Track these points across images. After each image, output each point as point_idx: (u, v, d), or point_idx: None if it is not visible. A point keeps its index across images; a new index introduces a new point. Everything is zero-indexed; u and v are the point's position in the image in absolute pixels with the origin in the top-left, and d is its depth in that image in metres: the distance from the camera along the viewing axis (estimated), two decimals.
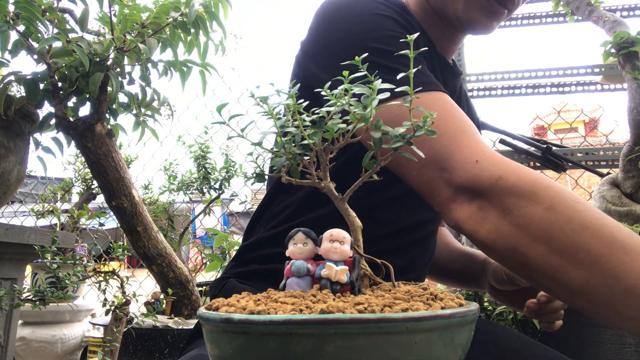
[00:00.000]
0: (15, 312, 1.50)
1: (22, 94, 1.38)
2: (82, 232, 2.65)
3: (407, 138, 0.48)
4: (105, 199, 1.65)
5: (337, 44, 0.73)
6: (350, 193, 0.51)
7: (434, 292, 0.46)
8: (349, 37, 0.73)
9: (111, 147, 1.56)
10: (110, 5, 1.38)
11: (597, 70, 1.95)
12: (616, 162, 1.70)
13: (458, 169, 0.61)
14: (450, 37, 0.89)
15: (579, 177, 2.76)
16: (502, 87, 2.14)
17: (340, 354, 0.36)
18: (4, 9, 1.22)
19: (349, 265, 0.48)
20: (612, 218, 0.56)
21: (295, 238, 0.50)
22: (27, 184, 3.49)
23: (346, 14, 0.75)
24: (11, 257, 1.47)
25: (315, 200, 0.77)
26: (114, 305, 1.47)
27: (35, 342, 2.34)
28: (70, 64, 1.36)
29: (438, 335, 0.38)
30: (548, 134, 4.46)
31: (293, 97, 0.49)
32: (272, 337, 0.37)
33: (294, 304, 0.41)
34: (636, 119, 1.41)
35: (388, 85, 0.48)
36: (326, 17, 0.78)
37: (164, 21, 1.45)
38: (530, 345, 0.76)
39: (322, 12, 0.79)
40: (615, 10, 2.06)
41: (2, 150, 1.34)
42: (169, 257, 1.79)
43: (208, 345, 0.43)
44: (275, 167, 0.52)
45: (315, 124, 0.49)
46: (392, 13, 0.75)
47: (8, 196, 1.44)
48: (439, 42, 0.88)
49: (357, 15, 0.74)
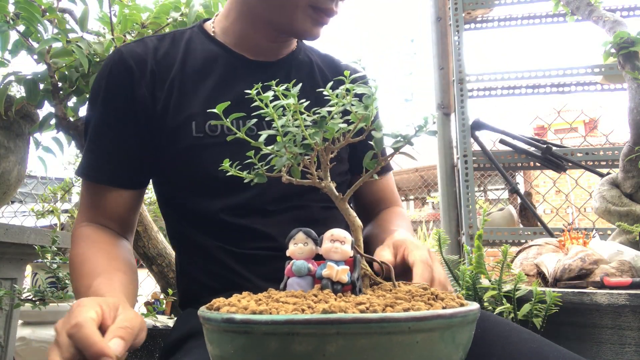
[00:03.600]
0: (15, 312, 1.50)
1: (22, 94, 1.38)
2: None
3: (407, 138, 0.48)
4: None
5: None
6: (351, 193, 0.52)
7: (434, 292, 0.46)
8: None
9: None
10: (110, 5, 1.38)
11: (597, 70, 1.96)
12: (616, 162, 1.70)
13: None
14: (276, 39, 0.95)
15: (579, 177, 2.77)
16: (502, 87, 2.14)
17: (342, 354, 0.36)
18: (4, 9, 1.22)
19: (350, 265, 0.48)
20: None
21: (296, 238, 0.50)
22: (27, 184, 3.48)
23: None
24: (11, 257, 1.47)
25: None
26: None
27: (35, 342, 2.34)
28: (70, 64, 1.36)
29: (439, 335, 0.38)
30: (548, 134, 4.46)
31: (294, 97, 0.49)
32: (273, 337, 0.37)
33: (296, 303, 0.41)
34: (636, 119, 1.41)
35: (388, 85, 0.48)
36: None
37: (164, 21, 1.45)
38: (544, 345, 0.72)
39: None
40: (615, 10, 2.06)
41: (2, 150, 1.34)
42: (169, 257, 1.79)
43: (208, 345, 0.43)
44: (275, 166, 0.52)
45: (317, 123, 0.49)
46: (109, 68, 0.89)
47: (8, 196, 1.44)
48: (258, 47, 0.94)
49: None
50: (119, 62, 0.88)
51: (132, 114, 0.87)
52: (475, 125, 2.02)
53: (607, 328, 0.99)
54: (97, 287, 0.72)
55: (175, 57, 0.91)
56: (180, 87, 0.88)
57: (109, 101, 0.87)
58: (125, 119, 0.87)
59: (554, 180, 2.53)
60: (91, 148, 0.89)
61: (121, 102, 0.87)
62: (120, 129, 0.87)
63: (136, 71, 0.87)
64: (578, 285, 1.06)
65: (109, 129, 0.88)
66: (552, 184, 2.51)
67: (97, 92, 0.89)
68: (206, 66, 0.91)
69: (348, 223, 0.52)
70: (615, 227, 1.39)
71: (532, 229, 1.92)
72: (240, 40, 0.94)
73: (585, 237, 1.21)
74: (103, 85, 0.88)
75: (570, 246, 1.20)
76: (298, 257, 0.49)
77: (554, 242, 1.29)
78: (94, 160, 0.88)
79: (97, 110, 0.89)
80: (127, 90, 0.87)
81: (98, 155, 0.88)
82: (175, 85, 0.88)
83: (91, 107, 0.91)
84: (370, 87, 0.47)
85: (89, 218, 0.88)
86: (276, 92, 0.50)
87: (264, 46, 0.95)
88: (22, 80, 1.33)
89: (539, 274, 1.22)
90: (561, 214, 3.62)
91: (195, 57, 0.92)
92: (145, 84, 0.87)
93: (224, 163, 0.55)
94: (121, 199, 0.90)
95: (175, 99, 0.87)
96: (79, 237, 0.86)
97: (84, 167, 0.89)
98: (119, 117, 0.87)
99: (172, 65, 0.90)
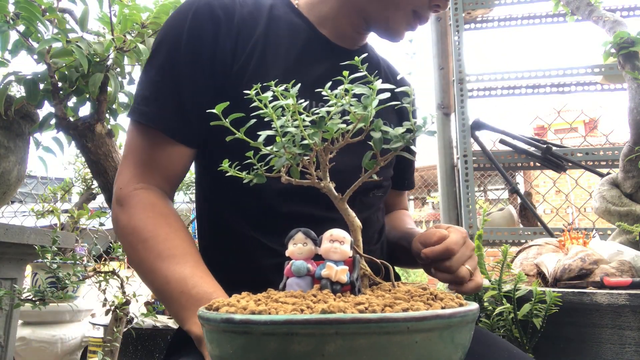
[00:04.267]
0: (15, 312, 1.50)
1: (22, 94, 1.38)
2: (82, 232, 2.64)
3: (407, 138, 0.48)
4: (105, 199, 1.65)
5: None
6: (350, 193, 0.52)
7: (434, 292, 0.46)
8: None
9: (111, 147, 1.56)
10: (110, 5, 1.38)
11: (597, 70, 1.95)
12: (616, 162, 1.70)
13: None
14: (361, 30, 0.94)
15: (579, 177, 2.76)
16: (502, 87, 2.14)
17: (341, 354, 0.36)
18: (4, 9, 1.22)
19: (349, 265, 0.48)
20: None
21: (295, 238, 0.50)
22: (27, 184, 3.48)
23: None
24: (11, 257, 1.47)
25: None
26: (114, 305, 1.47)
27: (35, 342, 2.34)
28: (70, 64, 1.36)
29: (438, 335, 0.38)
30: (548, 134, 4.46)
31: (293, 97, 0.49)
32: (273, 337, 0.37)
33: (295, 303, 0.41)
34: (636, 119, 1.41)
35: (388, 86, 0.48)
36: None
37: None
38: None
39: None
40: (615, 10, 2.06)
41: (2, 150, 1.34)
42: None
43: (208, 345, 0.43)
44: (275, 167, 0.52)
45: (315, 124, 0.49)
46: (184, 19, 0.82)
47: (8, 196, 1.44)
48: (341, 32, 0.92)
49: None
50: (206, 9, 0.81)
51: (211, 67, 0.80)
52: (475, 125, 2.02)
53: (607, 328, 0.99)
54: (196, 281, 0.68)
55: (259, 20, 0.85)
56: (262, 53, 0.83)
57: (188, 48, 0.80)
58: (204, 70, 0.80)
59: (554, 180, 2.53)
60: (156, 96, 0.80)
61: (202, 52, 0.80)
62: (196, 80, 0.80)
63: (223, 22, 0.81)
64: (578, 285, 1.06)
65: (183, 78, 0.80)
66: (552, 184, 2.51)
67: (174, 35, 0.81)
68: (289, 38, 0.87)
69: (347, 223, 0.52)
70: (615, 227, 1.39)
71: (532, 229, 1.92)
72: (325, 21, 0.91)
73: (585, 237, 1.21)
74: (185, 30, 0.80)
75: (570, 246, 1.20)
76: (297, 257, 0.49)
77: (554, 242, 1.29)
78: (160, 108, 0.79)
79: (171, 55, 0.80)
80: (211, 40, 0.80)
81: (166, 105, 0.79)
82: (257, 48, 0.83)
83: (164, 50, 0.82)
84: (369, 88, 0.47)
85: (143, 177, 0.79)
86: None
87: (347, 32, 0.93)
88: (22, 80, 1.34)
89: (539, 274, 1.22)
90: (561, 214, 3.62)
91: (278, 26, 0.87)
92: (230, 39, 0.81)
93: (224, 163, 0.54)
94: (182, 158, 0.81)
95: (255, 64, 0.81)
96: (141, 203, 0.77)
97: (147, 113, 0.79)
98: (196, 67, 0.80)
99: (255, 27, 0.84)
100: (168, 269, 0.70)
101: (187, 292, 0.68)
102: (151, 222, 0.75)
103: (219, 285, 0.70)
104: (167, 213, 0.78)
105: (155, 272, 0.72)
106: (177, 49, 0.80)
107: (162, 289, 0.71)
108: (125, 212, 0.77)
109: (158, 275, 0.71)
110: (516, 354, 0.77)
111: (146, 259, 0.73)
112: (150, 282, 0.74)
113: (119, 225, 0.78)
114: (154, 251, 0.73)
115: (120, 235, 0.78)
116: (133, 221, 0.76)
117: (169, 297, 0.70)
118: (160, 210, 0.77)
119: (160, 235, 0.74)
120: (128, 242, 0.76)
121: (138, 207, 0.76)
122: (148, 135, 0.80)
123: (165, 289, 0.70)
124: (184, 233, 0.76)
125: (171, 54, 0.81)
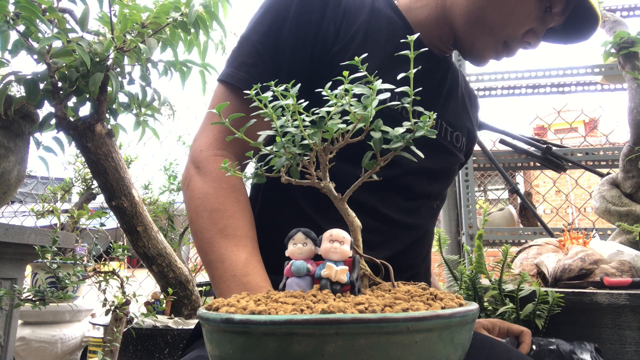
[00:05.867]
0: (15, 312, 1.50)
1: (22, 94, 1.38)
2: (82, 232, 2.65)
3: (407, 138, 0.48)
4: (105, 199, 1.65)
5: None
6: (350, 193, 0.52)
7: (433, 292, 0.46)
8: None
9: (111, 147, 1.56)
10: (110, 5, 1.38)
11: (597, 70, 1.95)
12: (616, 162, 1.70)
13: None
14: (448, 44, 0.95)
15: (579, 177, 2.76)
16: (502, 87, 2.14)
17: (341, 354, 0.36)
18: (4, 9, 1.22)
19: (349, 265, 0.48)
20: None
21: (295, 238, 0.50)
22: (27, 184, 3.49)
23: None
24: (11, 257, 1.47)
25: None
26: (114, 305, 1.47)
27: (35, 342, 2.34)
28: (70, 64, 1.36)
29: (438, 335, 0.38)
30: (548, 134, 4.46)
31: (293, 97, 0.49)
32: (272, 337, 0.37)
33: (295, 304, 0.41)
34: (636, 119, 1.41)
35: (388, 86, 0.48)
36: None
37: (164, 21, 1.45)
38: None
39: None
40: (615, 10, 2.06)
41: (2, 150, 1.34)
42: (169, 257, 1.79)
43: (208, 346, 0.43)
44: (275, 167, 0.52)
45: (315, 124, 0.49)
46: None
47: (8, 196, 1.44)
48: (431, 39, 0.94)
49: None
50: None
51: (313, 43, 0.81)
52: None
53: (607, 328, 0.99)
54: (250, 270, 0.69)
55: (362, 9, 0.88)
56: (363, 40, 0.84)
57: (295, 20, 0.81)
58: (305, 45, 0.81)
59: (554, 180, 2.53)
60: (256, 63, 0.80)
61: (308, 27, 0.81)
62: (296, 52, 0.81)
63: (331, 4, 0.83)
64: (578, 285, 1.06)
65: (284, 48, 0.80)
66: (552, 184, 2.51)
67: (283, 5, 0.82)
68: (387, 32, 0.88)
69: (347, 223, 0.52)
70: (615, 227, 1.39)
71: (532, 229, 1.92)
72: (418, 26, 0.93)
73: (585, 237, 1.21)
74: (294, 2, 0.81)
75: (570, 246, 1.20)
76: (297, 257, 0.49)
77: (554, 242, 1.29)
78: (258, 76, 0.78)
79: (278, 24, 0.81)
80: (318, 18, 0.82)
81: (264, 75, 0.79)
82: (358, 35, 0.84)
83: (270, 18, 0.83)
84: (369, 88, 0.47)
85: (225, 144, 0.79)
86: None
87: (434, 42, 0.94)
88: (22, 80, 1.34)
89: (539, 274, 1.22)
90: (561, 214, 3.62)
91: (379, 19, 0.89)
92: (335, 21, 0.83)
93: (223, 163, 0.54)
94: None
95: (354, 50, 0.82)
96: (217, 171, 0.77)
97: (246, 80, 0.79)
98: (299, 40, 0.81)
99: (359, 14, 0.86)
100: (227, 248, 0.71)
101: (238, 277, 0.69)
102: (222, 194, 0.75)
103: (268, 279, 0.70)
104: (238, 188, 0.78)
105: (214, 245, 0.72)
106: (284, 19, 0.81)
107: (214, 265, 0.72)
108: (200, 175, 0.78)
109: (215, 250, 0.72)
110: (515, 355, 0.77)
111: (208, 229, 0.74)
112: (204, 252, 0.74)
113: (190, 188, 0.78)
114: (218, 224, 0.73)
115: (189, 198, 0.78)
116: (205, 187, 0.76)
117: (219, 276, 0.71)
118: (234, 184, 0.77)
119: (228, 210, 0.74)
120: (194, 207, 0.76)
121: (213, 174, 0.77)
122: (239, 101, 0.79)
123: (217, 266, 0.71)
124: (249, 213, 0.77)
125: (277, 23, 0.82)
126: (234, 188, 0.77)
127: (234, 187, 0.77)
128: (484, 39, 0.88)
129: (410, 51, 0.49)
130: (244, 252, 0.71)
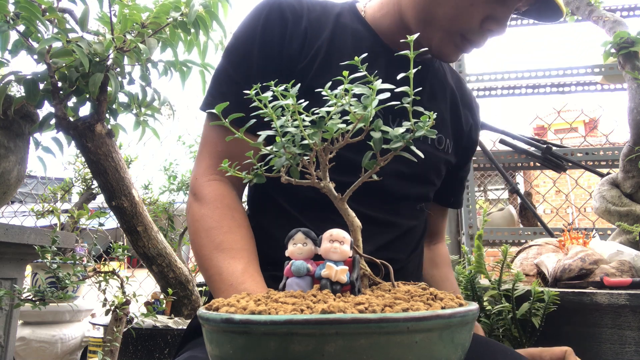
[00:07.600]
0: (15, 312, 1.50)
1: (22, 94, 1.38)
2: (82, 232, 2.64)
3: (407, 138, 0.48)
4: (105, 199, 1.65)
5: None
6: (350, 193, 0.52)
7: (433, 292, 0.46)
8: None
9: (111, 147, 1.56)
10: (110, 5, 1.38)
11: (597, 70, 1.95)
12: (616, 162, 1.70)
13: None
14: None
15: (579, 177, 2.77)
16: (502, 87, 2.14)
17: (341, 354, 0.36)
18: (4, 9, 1.22)
19: (349, 265, 0.48)
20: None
21: (295, 238, 0.50)
22: (27, 184, 3.49)
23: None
24: (11, 257, 1.47)
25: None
26: (114, 305, 1.47)
27: (35, 342, 2.34)
28: (70, 64, 1.36)
29: (438, 335, 0.38)
30: (548, 134, 4.46)
31: (293, 97, 0.49)
32: (273, 337, 0.37)
33: (295, 304, 0.41)
34: (636, 119, 1.41)
35: (388, 86, 0.48)
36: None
37: (164, 21, 1.45)
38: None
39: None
40: (615, 10, 2.06)
41: (2, 150, 1.34)
42: (169, 257, 1.79)
43: (208, 346, 0.43)
44: (274, 167, 0.52)
45: (315, 124, 0.49)
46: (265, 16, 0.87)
47: (8, 196, 1.44)
48: (400, 45, 0.93)
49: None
50: (277, 10, 0.87)
51: (279, 62, 0.86)
52: None
53: (607, 328, 0.99)
54: (246, 278, 0.72)
55: (326, 25, 0.90)
56: (324, 58, 0.87)
57: (261, 43, 0.85)
58: (274, 63, 0.86)
59: (554, 180, 2.53)
60: (235, 90, 0.83)
61: (272, 47, 0.85)
62: (267, 72, 0.84)
63: (291, 23, 0.87)
64: (578, 285, 1.06)
65: (255, 71, 0.85)
66: (552, 184, 2.51)
67: (250, 33, 0.87)
68: (353, 44, 0.90)
69: (347, 223, 0.52)
70: (615, 227, 1.39)
71: (532, 229, 1.92)
72: (384, 34, 0.94)
73: (585, 237, 1.21)
74: (259, 29, 0.86)
75: (570, 246, 1.20)
76: (297, 257, 0.49)
77: (554, 242, 1.29)
78: (236, 102, 0.82)
79: (246, 50, 0.86)
80: (280, 38, 0.86)
81: (240, 99, 0.81)
82: (320, 53, 0.87)
83: (240, 46, 0.87)
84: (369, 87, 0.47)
85: (217, 169, 0.83)
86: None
87: (403, 46, 0.93)
88: (22, 80, 1.34)
89: (539, 274, 1.22)
90: (561, 214, 3.62)
91: (344, 33, 0.91)
92: (297, 39, 0.86)
93: (223, 163, 0.55)
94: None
95: (319, 65, 0.86)
96: (211, 194, 0.82)
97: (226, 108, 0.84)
98: (267, 60, 0.85)
99: (321, 32, 0.89)
100: (224, 261, 0.75)
101: (235, 286, 0.72)
102: (218, 213, 0.80)
103: (266, 287, 0.72)
104: (234, 206, 0.82)
105: (212, 260, 0.76)
106: (252, 44, 0.86)
107: (213, 277, 0.76)
108: (197, 201, 0.83)
109: (213, 264, 0.76)
110: (510, 355, 0.77)
111: (206, 246, 0.78)
112: (205, 268, 0.78)
113: (190, 213, 0.84)
114: (215, 240, 0.78)
115: (189, 222, 0.84)
116: (202, 210, 0.82)
117: (218, 288, 0.74)
118: (228, 203, 0.82)
119: (224, 227, 0.79)
120: (195, 229, 0.81)
121: (208, 198, 0.82)
122: (222, 127, 0.82)
123: (216, 279, 0.75)
124: (245, 229, 0.81)
125: (247, 49, 0.86)
126: (229, 206, 0.82)
127: (229, 205, 0.82)
128: (439, 36, 0.87)
129: (410, 51, 0.49)
130: (241, 263, 0.75)
